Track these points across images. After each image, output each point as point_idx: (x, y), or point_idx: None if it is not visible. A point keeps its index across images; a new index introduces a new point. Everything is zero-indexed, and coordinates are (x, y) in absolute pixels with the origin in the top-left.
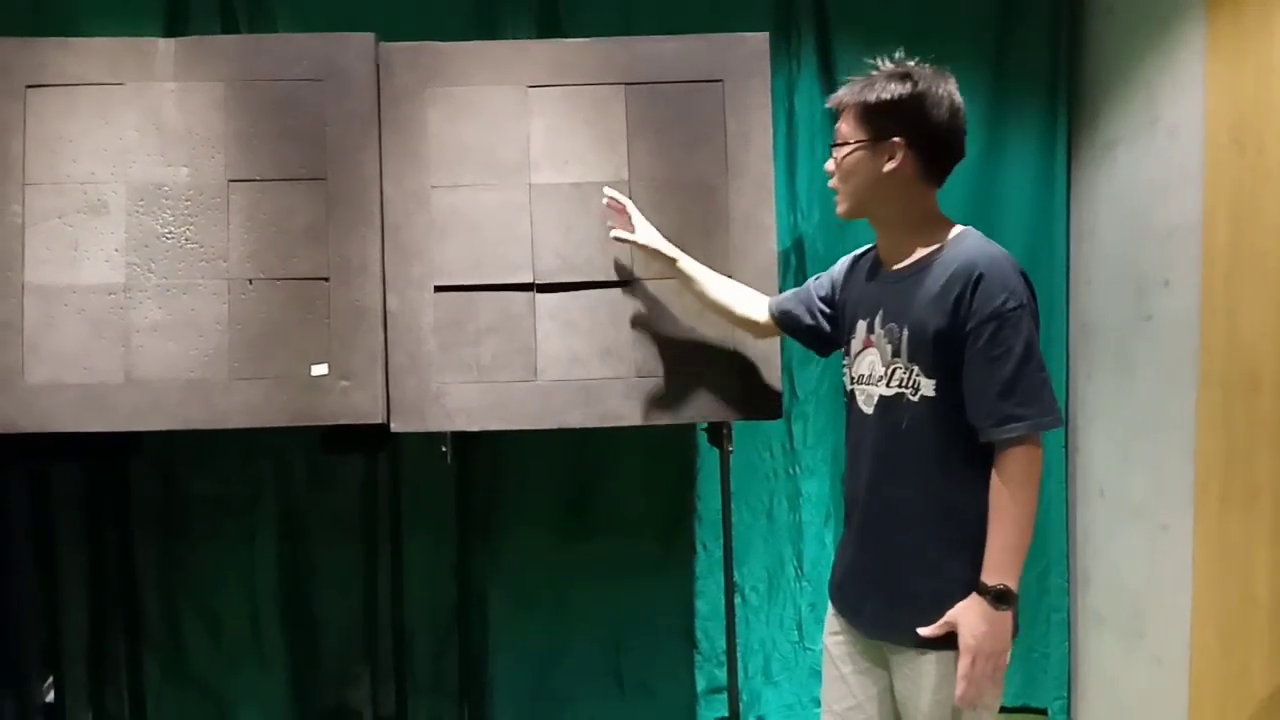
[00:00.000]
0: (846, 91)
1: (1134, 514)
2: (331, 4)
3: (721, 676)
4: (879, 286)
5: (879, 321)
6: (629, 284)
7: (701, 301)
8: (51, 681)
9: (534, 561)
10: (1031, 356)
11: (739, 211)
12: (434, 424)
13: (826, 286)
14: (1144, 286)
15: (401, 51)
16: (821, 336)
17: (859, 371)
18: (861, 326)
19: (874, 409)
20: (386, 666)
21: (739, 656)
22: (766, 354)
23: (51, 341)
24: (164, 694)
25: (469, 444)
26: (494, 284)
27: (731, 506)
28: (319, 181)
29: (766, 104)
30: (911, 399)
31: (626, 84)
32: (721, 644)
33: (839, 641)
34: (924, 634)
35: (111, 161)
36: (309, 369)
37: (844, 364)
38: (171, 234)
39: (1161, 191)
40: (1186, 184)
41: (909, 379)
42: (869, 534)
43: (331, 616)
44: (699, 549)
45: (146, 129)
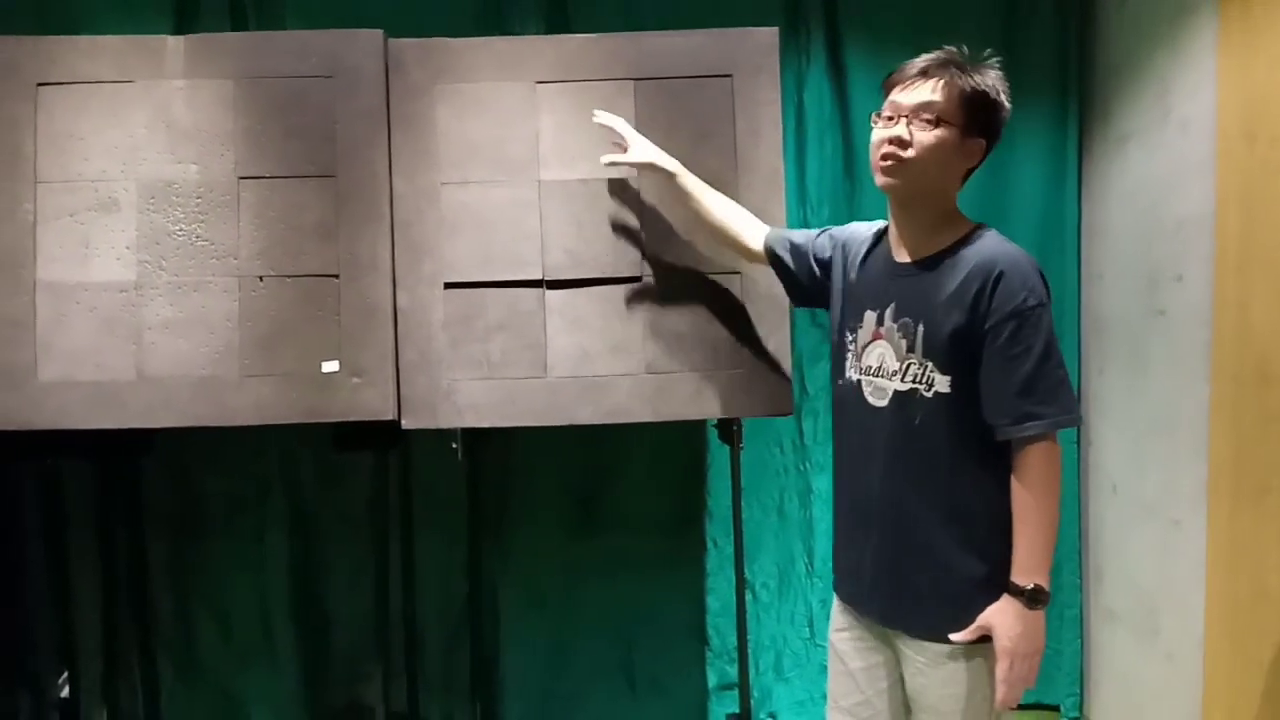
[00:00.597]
0: (948, 68)
1: (1146, 510)
2: (340, 1)
3: (733, 673)
4: (889, 278)
5: (890, 315)
6: (639, 280)
7: (698, 219)
8: (66, 677)
9: (545, 558)
10: (1051, 355)
11: (749, 206)
12: (444, 421)
13: (827, 252)
14: (1156, 281)
15: (410, 48)
16: (800, 292)
17: (868, 363)
18: (870, 318)
19: (887, 403)
20: (398, 664)
21: (750, 653)
22: (777, 350)
23: (63, 339)
24: (177, 690)
25: (479, 441)
26: (504, 280)
27: (742, 503)
28: (329, 178)
29: (776, 99)
30: (925, 395)
31: (635, 79)
32: (732, 640)
33: (845, 637)
34: (956, 639)
35: (122, 159)
36: (319, 366)
37: (846, 351)
38: (182, 231)
39: (1173, 186)
40: (1198, 178)
41: (923, 375)
42: (880, 527)
43: (342, 613)
44: (709, 545)
45: (156, 127)
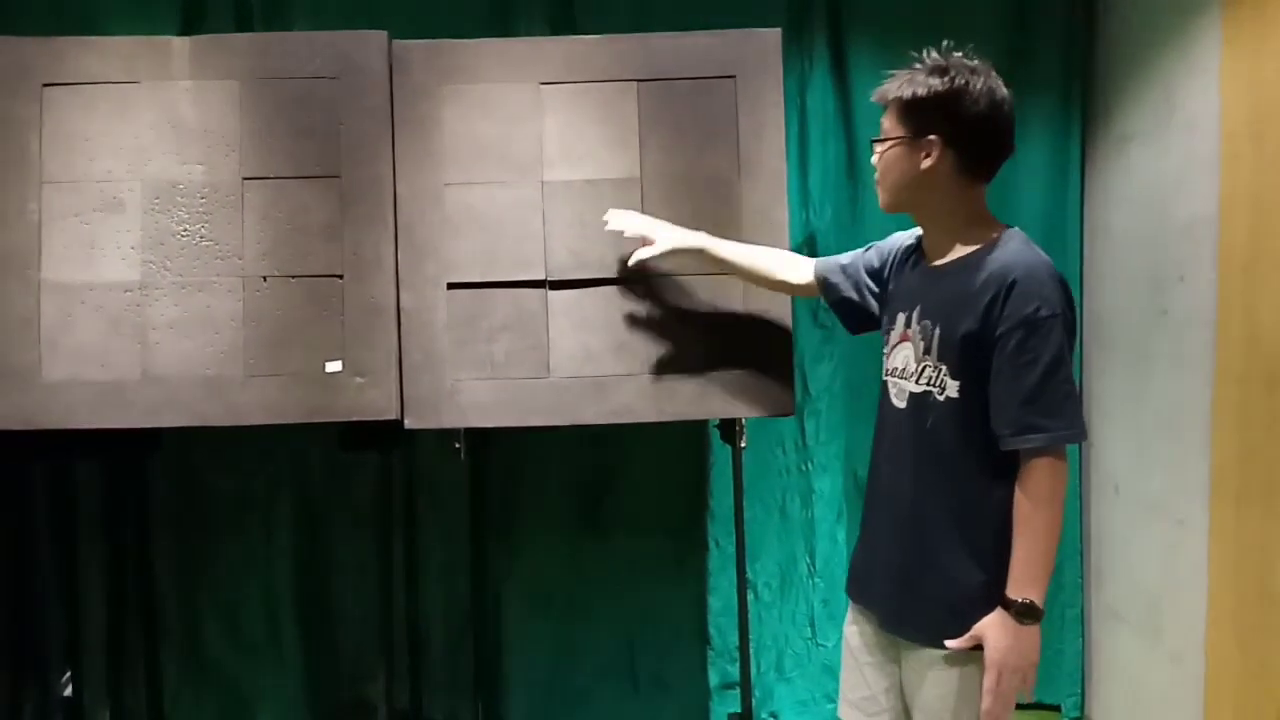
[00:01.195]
0: (889, 85)
1: (1149, 510)
2: (346, 2)
3: (734, 672)
4: (920, 280)
5: (916, 316)
6: (642, 280)
7: (741, 276)
8: (70, 676)
9: (548, 558)
10: (1059, 368)
11: (752, 208)
12: (448, 421)
13: (876, 263)
14: (1159, 282)
15: (415, 49)
16: (859, 313)
17: (894, 364)
18: (901, 319)
19: (905, 404)
20: (402, 662)
21: (752, 653)
22: (779, 351)
23: (69, 339)
24: (182, 688)
25: (483, 440)
26: (508, 281)
27: (744, 503)
28: (333, 179)
29: (779, 100)
30: (937, 398)
31: (639, 80)
32: (734, 640)
33: (855, 632)
34: (951, 646)
35: (128, 160)
36: (324, 366)
37: (884, 352)
38: (187, 231)
39: (1177, 186)
40: (1203, 178)
41: (936, 378)
42: (889, 528)
43: (347, 612)
44: (712, 546)
45: (162, 127)
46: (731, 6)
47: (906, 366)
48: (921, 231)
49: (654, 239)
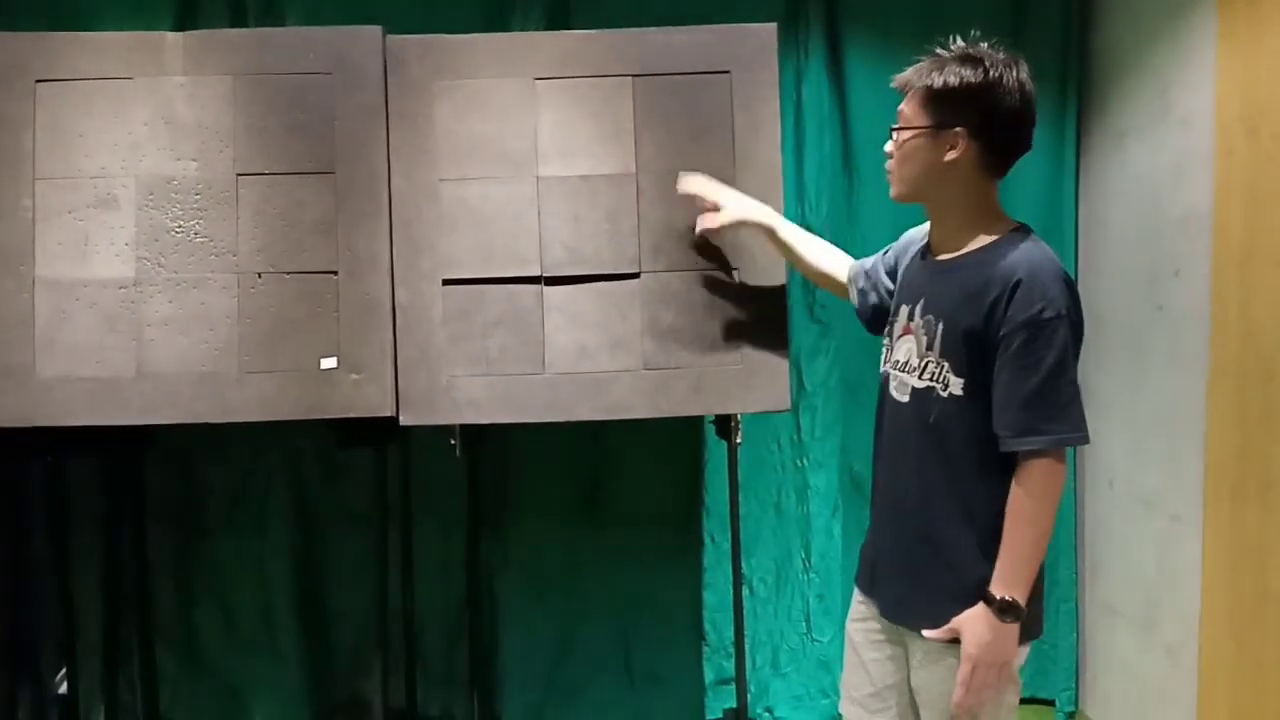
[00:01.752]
0: (913, 72)
1: (1145, 505)
2: None
3: (730, 668)
4: (925, 274)
5: (920, 310)
6: (637, 276)
7: (799, 266)
8: (65, 673)
9: (543, 553)
10: (1063, 370)
11: None
12: (444, 417)
13: (893, 263)
14: (1155, 276)
15: (410, 45)
16: (877, 316)
17: (896, 357)
18: (904, 311)
19: (908, 398)
20: (397, 657)
21: (747, 648)
22: (775, 346)
23: (63, 336)
24: (178, 685)
25: (478, 436)
26: (502, 277)
27: (739, 499)
28: (328, 175)
29: (774, 95)
30: (940, 394)
31: (634, 76)
32: (729, 635)
33: (859, 628)
34: (930, 636)
35: (121, 156)
36: (319, 363)
37: (884, 344)
38: (181, 228)
39: (1173, 181)
40: (1198, 173)
41: (939, 374)
42: (893, 520)
43: (343, 608)
44: (707, 541)
45: (156, 123)
46: (727, 1)
47: (909, 360)
48: (931, 223)
49: (723, 206)
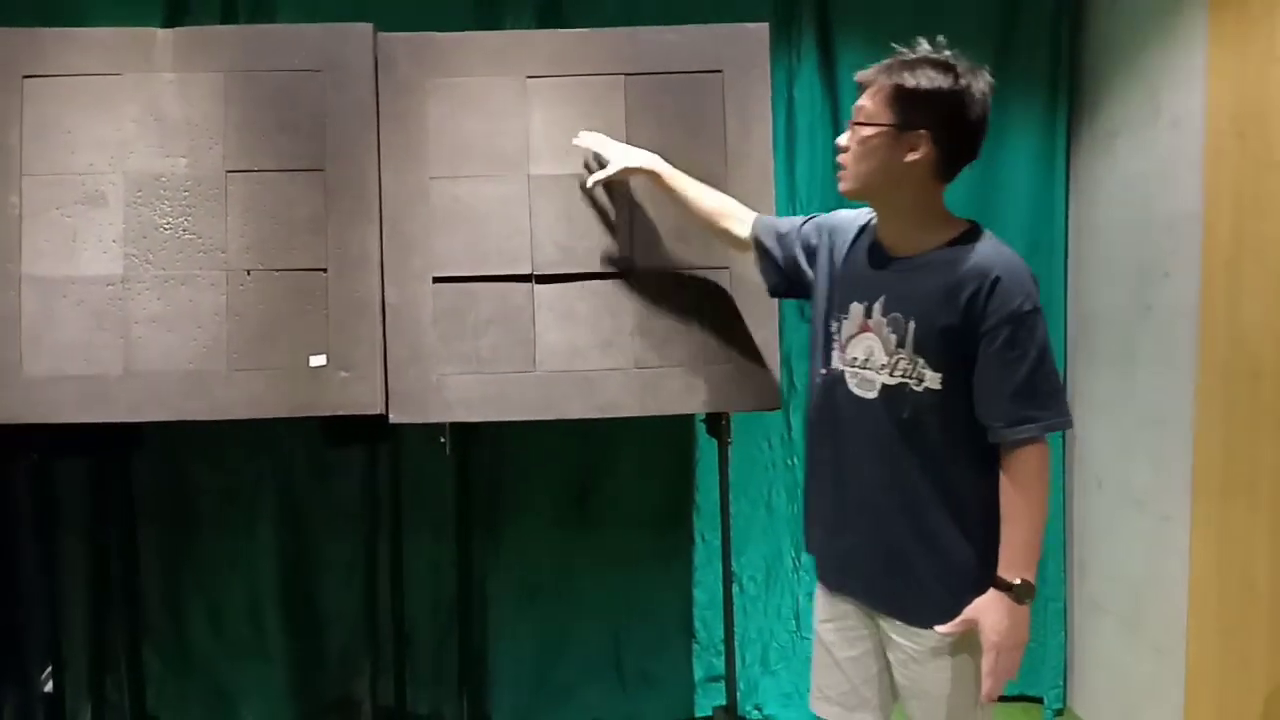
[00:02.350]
0: (881, 69)
1: (1133, 504)
2: None
3: (719, 666)
4: (880, 272)
5: (879, 309)
6: (629, 275)
7: (687, 214)
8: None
9: (534, 552)
10: (1045, 359)
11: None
12: (434, 415)
13: (814, 240)
14: (1144, 277)
15: (401, 43)
16: (781, 281)
17: (854, 354)
18: (858, 310)
19: (876, 395)
20: (387, 657)
21: (737, 646)
22: (765, 345)
23: (51, 333)
24: (166, 684)
25: (469, 435)
26: (493, 275)
27: (730, 497)
28: (318, 173)
29: (766, 94)
30: (915, 389)
31: (627, 75)
32: (719, 633)
33: (831, 628)
34: (944, 631)
35: (110, 152)
36: (308, 360)
37: (831, 342)
38: (169, 225)
39: (1162, 182)
40: (1188, 174)
41: (913, 370)
42: (874, 515)
43: (332, 608)
44: (697, 539)
45: (145, 120)
46: (719, 1)
47: (871, 358)
48: (877, 220)
49: (608, 159)
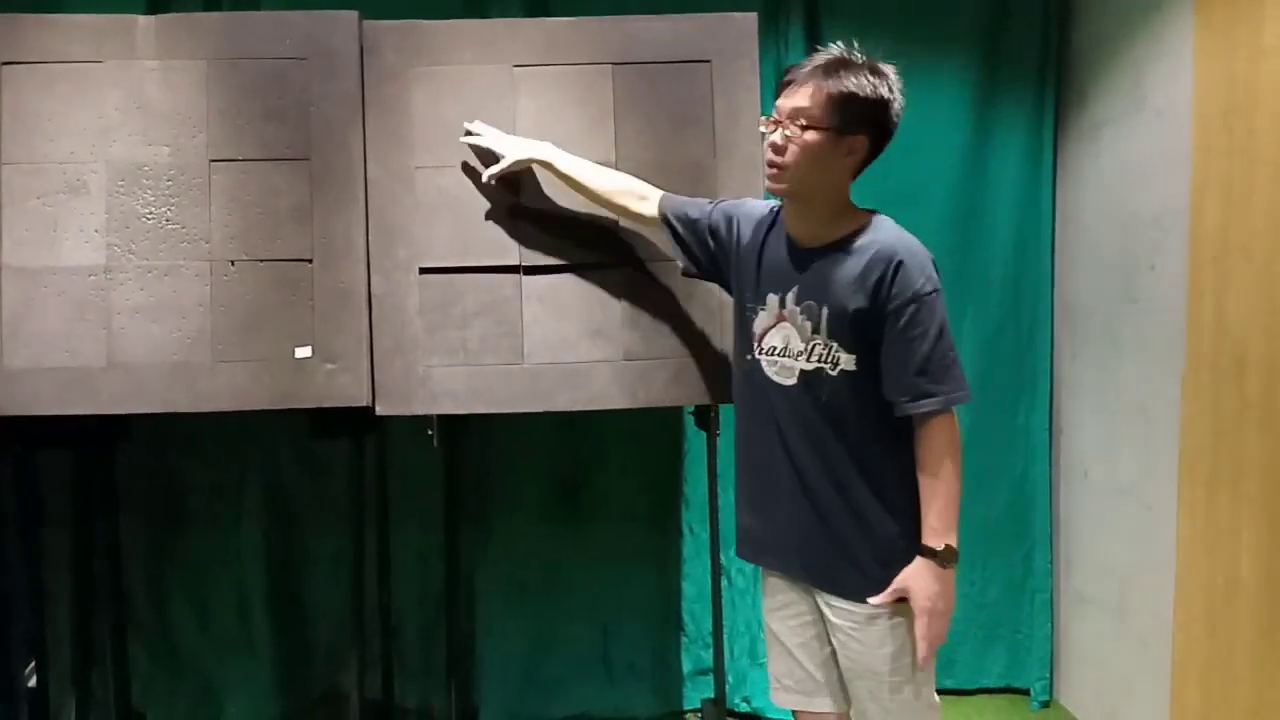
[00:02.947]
0: (816, 72)
1: (1119, 495)
2: None
3: (708, 658)
4: (793, 263)
5: (793, 299)
6: (617, 267)
7: (588, 197)
8: (33, 667)
9: (522, 545)
10: (943, 337)
11: (727, 192)
12: (420, 407)
13: (723, 229)
14: (1130, 269)
15: (387, 30)
16: (693, 262)
17: (771, 344)
18: (773, 300)
19: (795, 381)
20: (374, 651)
21: (725, 639)
22: None
23: (31, 324)
24: (151, 679)
25: (456, 427)
26: (480, 266)
27: (718, 490)
28: (303, 162)
29: (755, 84)
30: (831, 373)
31: (614, 64)
32: (708, 626)
33: (779, 615)
34: (876, 602)
35: (91, 141)
36: (293, 352)
37: (751, 332)
38: (152, 214)
39: (1149, 174)
40: (1174, 166)
41: (828, 355)
42: (794, 497)
43: (319, 601)
44: (686, 532)
45: (127, 108)
46: None
47: (790, 346)
48: (790, 214)
49: (502, 154)
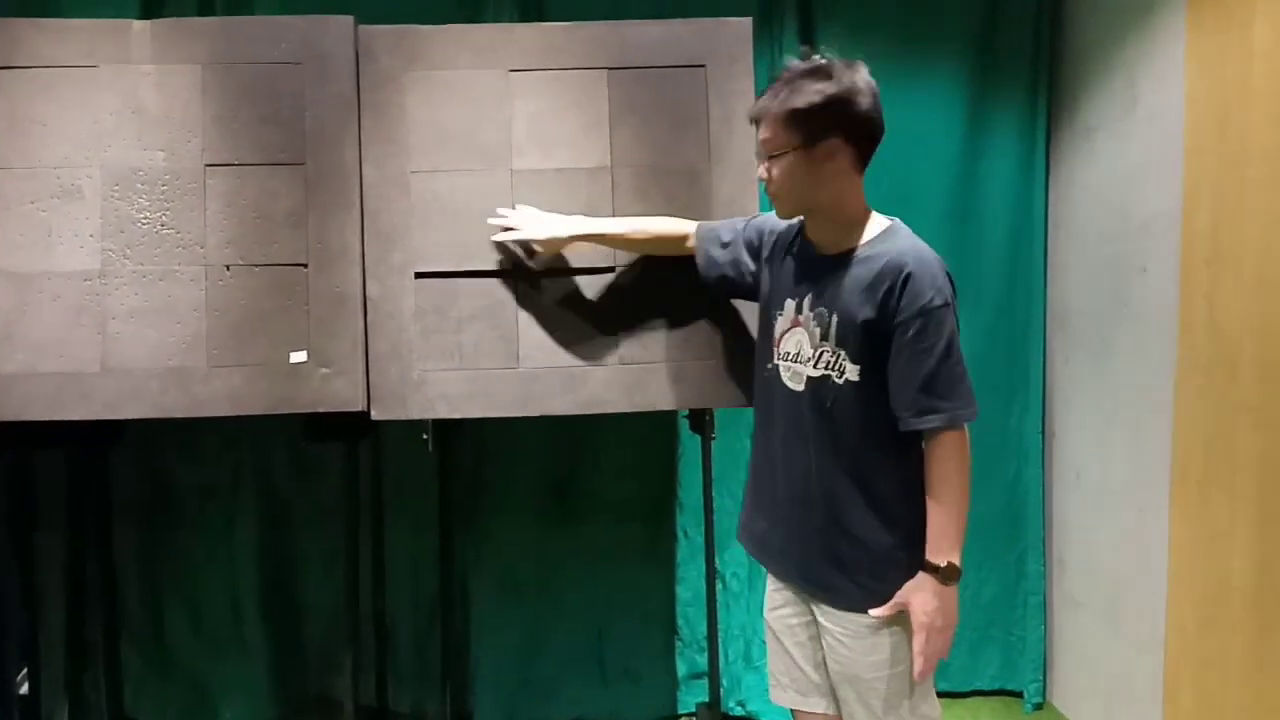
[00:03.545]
0: (768, 100)
1: (1112, 498)
2: None
3: (702, 662)
4: (810, 269)
5: (808, 304)
6: (612, 270)
7: (632, 250)
8: (26, 673)
9: (516, 549)
10: (952, 352)
11: (722, 196)
12: (415, 411)
13: (756, 243)
14: (1122, 272)
15: (382, 35)
16: (731, 288)
17: (786, 349)
18: (790, 305)
19: (804, 387)
20: (368, 655)
21: (720, 642)
22: (749, 341)
23: (26, 329)
24: (144, 683)
25: (451, 432)
26: (476, 270)
27: (713, 494)
28: (298, 166)
29: (750, 89)
30: (837, 381)
31: (609, 69)
32: (702, 630)
33: (778, 615)
34: (876, 614)
35: (86, 145)
36: (288, 356)
37: (771, 337)
38: (147, 219)
39: (1140, 177)
40: (1166, 170)
41: (835, 362)
42: (801, 503)
43: (313, 605)
44: (680, 536)
45: (122, 112)
46: None
47: (800, 351)
48: (807, 222)
49: (536, 247)
